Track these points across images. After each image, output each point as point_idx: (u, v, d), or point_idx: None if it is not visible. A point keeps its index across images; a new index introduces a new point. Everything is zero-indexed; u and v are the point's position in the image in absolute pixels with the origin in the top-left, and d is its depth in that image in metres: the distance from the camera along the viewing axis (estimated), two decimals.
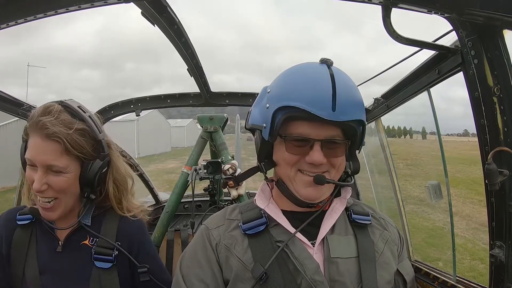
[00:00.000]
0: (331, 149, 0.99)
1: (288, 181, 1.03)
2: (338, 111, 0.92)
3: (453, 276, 1.62)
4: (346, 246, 1.03)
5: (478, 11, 0.99)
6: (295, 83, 0.99)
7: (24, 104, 1.97)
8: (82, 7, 1.12)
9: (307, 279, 0.94)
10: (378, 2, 1.07)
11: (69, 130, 1.16)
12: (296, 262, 0.97)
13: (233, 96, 2.68)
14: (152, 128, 30.62)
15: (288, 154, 1.00)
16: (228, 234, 1.07)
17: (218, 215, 1.17)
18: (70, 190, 1.22)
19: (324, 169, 0.99)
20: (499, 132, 1.12)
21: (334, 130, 0.98)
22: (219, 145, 2.80)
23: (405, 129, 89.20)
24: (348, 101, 0.96)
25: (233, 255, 1.02)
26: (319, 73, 0.98)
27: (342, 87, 0.95)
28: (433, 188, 1.83)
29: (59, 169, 1.16)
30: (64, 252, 1.28)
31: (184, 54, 1.88)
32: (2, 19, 1.10)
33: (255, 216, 1.07)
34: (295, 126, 0.98)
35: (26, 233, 1.30)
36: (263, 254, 0.99)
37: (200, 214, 2.85)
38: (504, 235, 1.16)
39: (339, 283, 0.96)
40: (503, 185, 1.13)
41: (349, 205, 1.13)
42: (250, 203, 1.16)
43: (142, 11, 1.37)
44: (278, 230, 1.05)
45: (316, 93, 0.94)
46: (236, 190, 2.27)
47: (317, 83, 0.95)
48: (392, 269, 1.07)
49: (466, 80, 1.21)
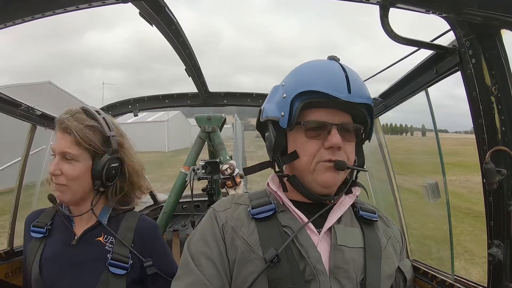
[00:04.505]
0: (346, 134, 1.05)
1: (308, 173, 1.05)
2: (354, 93, 1.00)
3: (451, 275, 1.63)
4: (352, 236, 1.06)
5: (476, 11, 1.00)
6: (310, 72, 1.06)
7: (22, 105, 1.96)
8: (80, 7, 1.12)
9: (311, 266, 0.96)
10: (376, 2, 1.07)
11: (81, 125, 1.35)
12: (301, 249, 0.99)
13: (231, 96, 2.68)
14: (178, 127, 35.84)
15: (307, 141, 1.04)
16: (235, 216, 1.09)
17: (225, 199, 1.19)
18: (79, 179, 1.36)
19: (342, 156, 1.03)
20: (497, 132, 1.13)
21: (346, 116, 1.06)
22: (217, 145, 2.80)
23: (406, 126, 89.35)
24: (360, 86, 1.03)
25: (238, 236, 1.03)
26: (330, 64, 1.06)
27: (352, 75, 1.03)
28: (431, 187, 1.84)
29: (71, 156, 1.34)
30: (78, 246, 1.37)
31: (182, 54, 1.88)
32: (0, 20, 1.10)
33: (264, 203, 1.09)
34: (312, 113, 1.04)
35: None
36: (270, 237, 1.01)
37: (199, 214, 2.85)
38: (502, 234, 1.17)
39: (343, 270, 0.98)
40: (501, 184, 1.13)
41: (356, 203, 1.15)
42: (260, 192, 1.19)
43: (140, 11, 1.37)
44: (285, 216, 1.07)
45: (331, 78, 1.01)
46: (234, 190, 2.27)
47: (331, 71, 1.03)
48: (393, 264, 1.09)
49: (464, 79, 1.21)
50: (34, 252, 1.38)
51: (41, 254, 1.37)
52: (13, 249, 2.00)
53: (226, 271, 1.01)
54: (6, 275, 1.89)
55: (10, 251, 1.98)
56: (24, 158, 2.11)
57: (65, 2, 1.09)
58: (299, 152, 1.05)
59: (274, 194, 1.13)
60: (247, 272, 0.98)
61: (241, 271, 0.99)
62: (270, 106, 1.12)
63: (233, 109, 7.22)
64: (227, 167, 2.27)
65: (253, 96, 2.68)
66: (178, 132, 34.43)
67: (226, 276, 1.01)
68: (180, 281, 1.03)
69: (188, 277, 1.01)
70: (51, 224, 1.44)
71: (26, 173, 2.13)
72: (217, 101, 2.68)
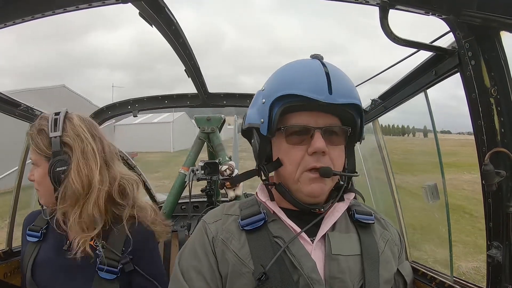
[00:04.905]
0: (333, 138, 0.99)
1: (293, 183, 1.01)
2: (335, 94, 0.93)
3: (450, 277, 1.63)
4: (347, 243, 1.02)
5: (475, 13, 1.00)
6: (288, 74, 1.00)
7: (22, 105, 1.96)
8: (80, 7, 1.12)
9: (304, 277, 0.93)
10: (376, 4, 1.07)
11: (35, 131, 1.36)
12: (293, 259, 0.95)
13: (230, 97, 2.67)
14: (183, 128, 35.96)
15: (291, 148, 0.99)
16: (225, 228, 1.05)
17: (216, 210, 1.16)
18: (43, 184, 1.36)
19: (327, 163, 0.97)
20: (496, 133, 1.13)
21: (332, 118, 0.99)
22: (216, 146, 2.80)
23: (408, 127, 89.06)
24: (343, 86, 0.97)
25: (229, 249, 1.00)
26: (311, 64, 0.99)
27: (335, 74, 0.96)
28: (430, 189, 1.84)
29: (34, 162, 1.37)
30: (69, 250, 1.33)
31: (182, 55, 1.87)
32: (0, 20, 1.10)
33: (254, 212, 1.06)
34: (293, 118, 0.99)
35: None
36: (261, 250, 0.98)
37: (198, 215, 2.85)
38: (501, 235, 1.17)
39: (339, 280, 0.94)
40: (500, 186, 1.13)
41: (351, 205, 1.11)
42: (250, 200, 1.15)
43: (140, 11, 1.37)
44: (275, 226, 1.03)
45: (311, 78, 0.95)
46: (233, 191, 2.27)
47: (311, 71, 0.97)
48: (392, 268, 1.06)
49: (463, 81, 1.21)
50: (29, 256, 1.37)
51: (34, 258, 1.36)
52: (11, 249, 2.00)
53: (216, 285, 0.99)
54: (5, 275, 1.88)
55: (8, 251, 1.99)
56: (23, 159, 2.11)
57: (65, 2, 1.09)
58: (283, 159, 1.01)
59: (264, 204, 1.09)
60: (239, 286, 0.96)
61: (233, 285, 0.97)
62: (252, 112, 1.08)
63: (233, 111, 7.22)
64: (226, 168, 2.27)
65: (252, 97, 2.68)
66: (183, 133, 34.84)
67: None
68: None
69: None
70: (46, 228, 1.43)
71: (25, 174, 2.13)
72: (216, 102, 2.67)
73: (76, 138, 1.34)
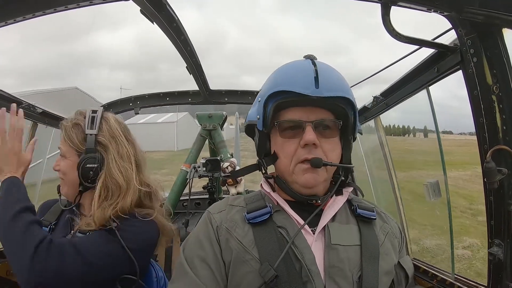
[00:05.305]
0: (325, 131, 1.04)
1: (288, 175, 1.06)
2: (322, 88, 0.99)
3: (451, 274, 1.63)
4: (347, 234, 1.05)
5: (477, 10, 0.99)
6: (281, 74, 1.08)
7: (23, 103, 1.96)
8: (80, 5, 1.12)
9: (305, 268, 0.95)
10: (378, 0, 1.07)
11: (69, 123, 1.37)
12: (296, 251, 0.98)
13: (232, 94, 2.67)
14: (186, 127, 36.34)
15: (285, 141, 1.05)
16: (230, 218, 1.09)
17: (221, 202, 1.20)
18: (68, 175, 1.36)
19: (319, 154, 1.02)
20: (498, 131, 1.13)
21: (324, 113, 1.04)
22: (218, 143, 2.80)
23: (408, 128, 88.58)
24: (330, 80, 1.02)
25: (233, 237, 1.03)
26: (302, 63, 1.06)
27: (323, 70, 1.02)
28: (432, 186, 1.84)
29: (62, 152, 1.37)
30: None
31: (183, 52, 1.87)
32: (1, 18, 1.10)
33: (260, 206, 1.09)
34: (287, 113, 1.05)
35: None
36: (265, 239, 1.01)
37: (199, 212, 2.86)
38: (503, 233, 1.17)
39: (337, 269, 0.97)
40: (501, 183, 1.13)
41: (352, 200, 1.15)
42: (255, 194, 1.19)
43: (141, 8, 1.37)
44: (279, 216, 1.07)
45: (299, 75, 1.02)
46: (235, 188, 2.27)
47: (301, 70, 1.03)
48: (392, 260, 1.07)
49: (465, 78, 1.21)
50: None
51: None
52: None
53: (221, 273, 1.01)
54: (7, 272, 1.89)
55: None
56: None
57: (66, 0, 1.09)
58: (278, 153, 1.08)
59: (268, 195, 1.14)
60: (243, 273, 0.98)
61: (236, 272, 0.99)
62: (252, 111, 1.16)
63: (234, 110, 7.20)
64: (228, 165, 2.27)
65: (254, 94, 2.67)
66: (186, 132, 35.41)
67: (221, 278, 1.01)
68: (175, 284, 1.03)
69: (183, 280, 1.01)
70: (55, 223, 1.44)
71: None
72: (218, 99, 2.68)
73: (111, 139, 1.37)
